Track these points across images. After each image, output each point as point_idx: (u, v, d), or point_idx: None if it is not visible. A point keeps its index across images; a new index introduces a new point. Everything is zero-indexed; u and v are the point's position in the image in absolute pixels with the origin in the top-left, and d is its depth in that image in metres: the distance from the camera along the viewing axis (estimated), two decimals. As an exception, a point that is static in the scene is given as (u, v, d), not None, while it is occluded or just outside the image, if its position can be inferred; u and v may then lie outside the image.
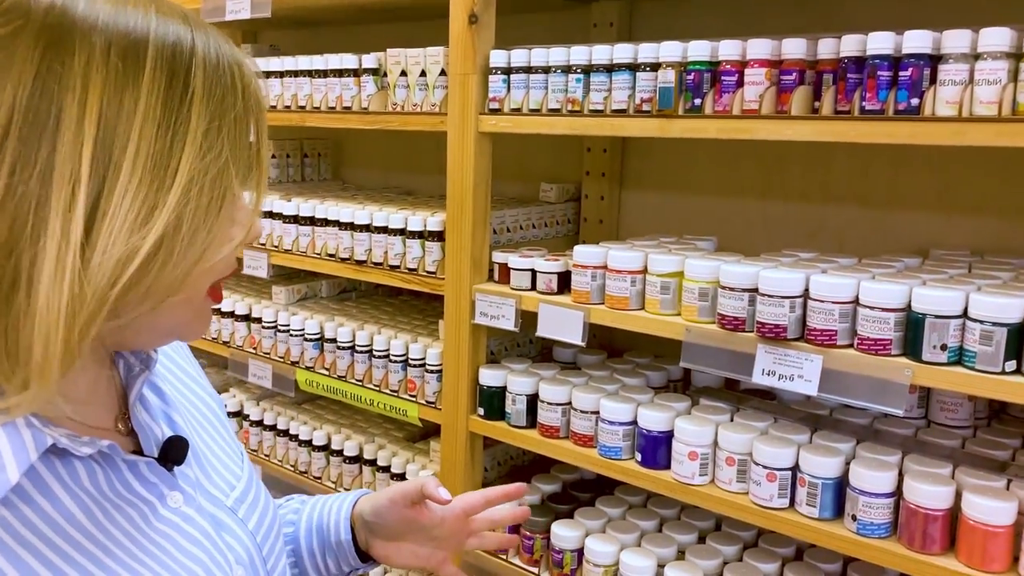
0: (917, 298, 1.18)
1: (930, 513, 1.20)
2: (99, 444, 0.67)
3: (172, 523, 0.73)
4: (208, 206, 0.63)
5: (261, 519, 0.84)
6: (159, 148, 0.61)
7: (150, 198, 0.60)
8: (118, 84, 0.59)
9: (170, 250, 0.62)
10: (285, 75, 2.00)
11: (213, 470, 0.82)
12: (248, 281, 2.45)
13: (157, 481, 0.73)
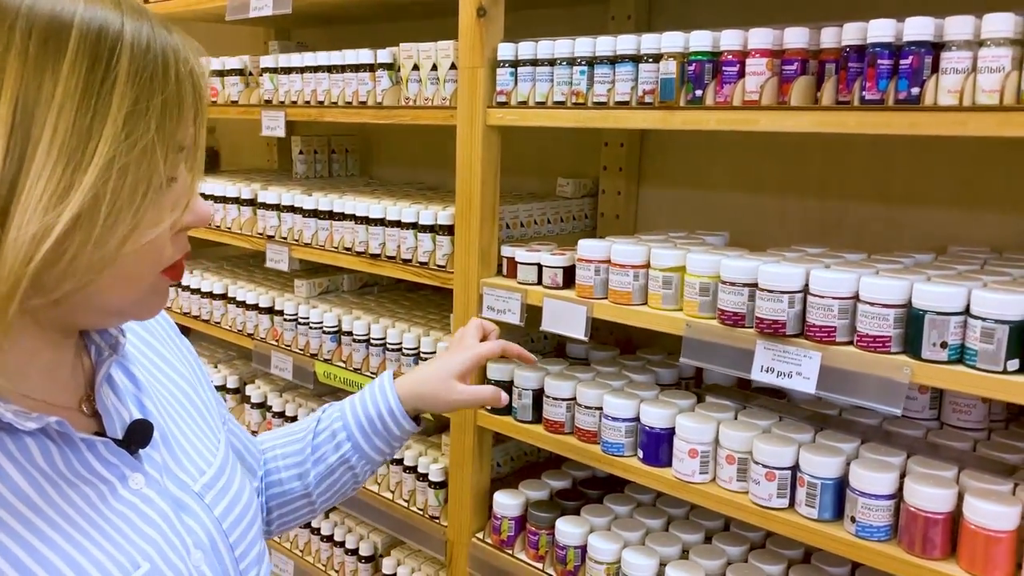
0: (917, 294, 1.14)
1: (931, 516, 1.16)
2: (46, 420, 0.68)
3: (131, 503, 0.74)
4: (131, 188, 0.64)
5: (231, 506, 0.85)
6: (78, 129, 0.62)
7: (66, 177, 0.61)
8: (37, 67, 0.60)
9: (89, 229, 0.63)
10: (305, 71, 2.02)
11: (184, 455, 0.83)
12: (275, 275, 2.49)
13: (118, 462, 0.75)
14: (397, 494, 1.96)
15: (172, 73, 0.66)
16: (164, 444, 0.82)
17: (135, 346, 0.88)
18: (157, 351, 0.91)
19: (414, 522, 1.91)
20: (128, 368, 0.83)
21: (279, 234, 2.16)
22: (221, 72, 2.30)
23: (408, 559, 2.04)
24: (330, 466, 1.15)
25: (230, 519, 0.84)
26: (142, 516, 0.74)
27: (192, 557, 0.77)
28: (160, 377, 0.88)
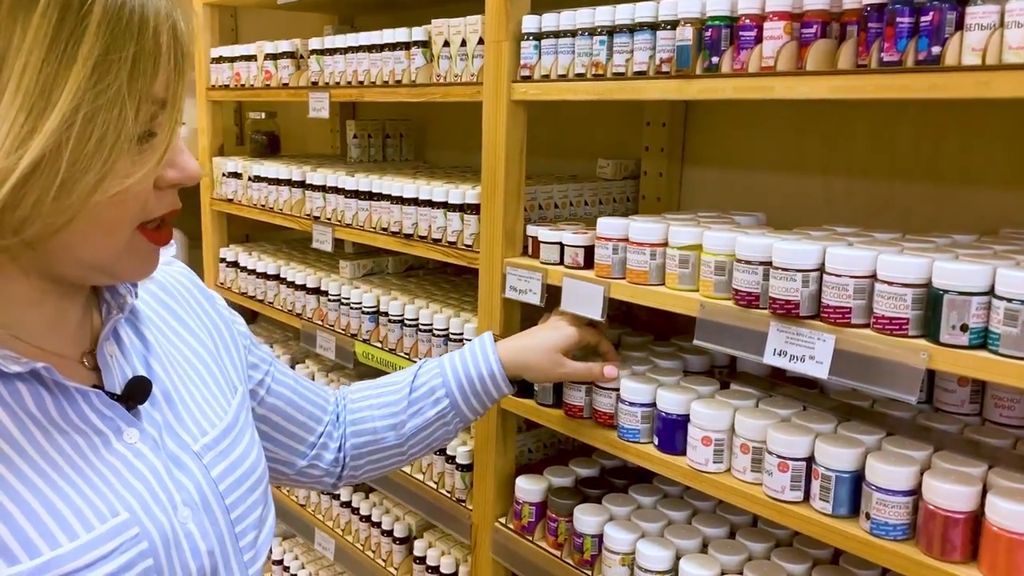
0: (937, 272, 1.05)
1: (950, 516, 1.07)
2: (33, 365, 0.71)
3: (122, 456, 0.75)
4: (98, 137, 0.64)
5: (231, 468, 0.86)
6: (44, 76, 0.62)
7: (29, 122, 0.62)
8: (10, 16, 0.62)
9: (51, 175, 0.64)
10: (348, 51, 2.03)
11: (188, 414, 0.85)
12: (328, 257, 2.51)
13: (113, 415, 0.76)
14: (428, 476, 1.95)
15: (149, 26, 0.66)
16: (167, 403, 0.83)
17: (152, 308, 0.90)
18: (176, 314, 0.93)
19: (443, 505, 1.89)
20: (139, 329, 0.86)
21: (324, 215, 2.18)
22: (274, 55, 2.33)
23: (439, 542, 2.02)
24: (427, 420, 1.25)
25: (228, 481, 0.85)
26: (131, 469, 0.76)
27: (179, 514, 0.77)
28: (173, 339, 0.90)
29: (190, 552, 0.78)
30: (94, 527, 0.70)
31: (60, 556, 0.68)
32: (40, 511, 0.68)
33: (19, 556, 0.66)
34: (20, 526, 0.67)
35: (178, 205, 0.76)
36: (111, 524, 0.71)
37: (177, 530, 0.77)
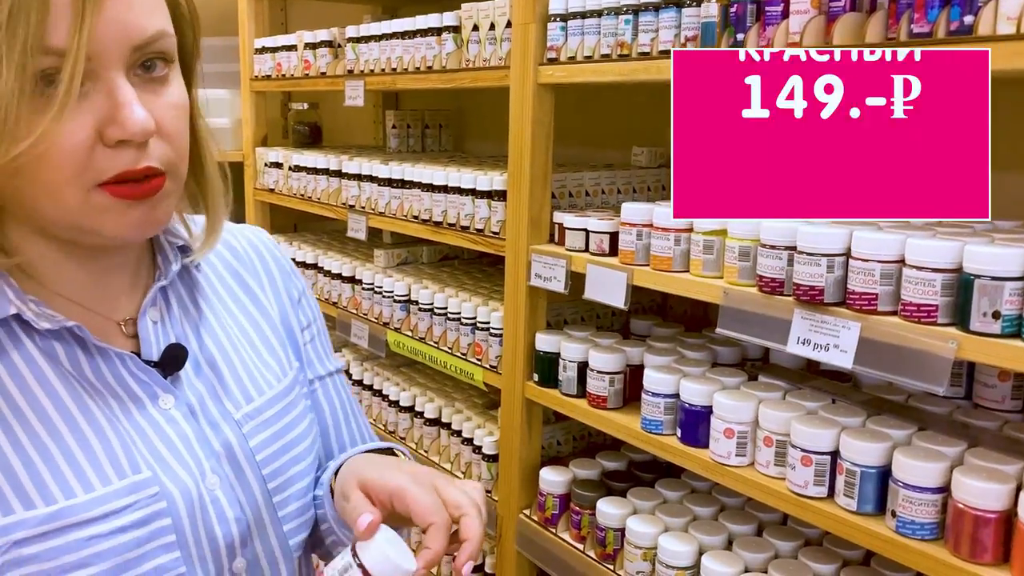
0: (968, 256, 0.99)
1: (981, 515, 1.01)
2: (63, 323, 0.71)
3: (153, 420, 0.76)
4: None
5: (271, 439, 0.84)
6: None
7: None
8: None
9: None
10: (381, 39, 2.02)
11: (235, 382, 0.83)
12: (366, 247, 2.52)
13: (150, 381, 0.76)
14: (455, 466, 1.93)
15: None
16: (213, 370, 0.82)
17: (218, 274, 0.89)
18: (243, 281, 0.91)
19: (470, 495, 1.87)
20: (195, 296, 0.85)
21: (359, 204, 2.17)
22: (313, 45, 2.34)
23: (466, 533, 2.00)
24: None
25: (267, 452, 0.83)
26: (160, 433, 0.76)
27: (207, 480, 0.77)
28: (232, 307, 0.88)
29: (216, 518, 0.77)
30: (111, 481, 0.71)
31: (73, 506, 0.69)
32: (60, 461, 0.70)
33: (35, 501, 0.68)
34: (39, 473, 0.69)
35: (137, 164, 0.68)
36: (130, 480, 0.72)
37: (203, 496, 0.76)
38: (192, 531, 0.75)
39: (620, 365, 1.52)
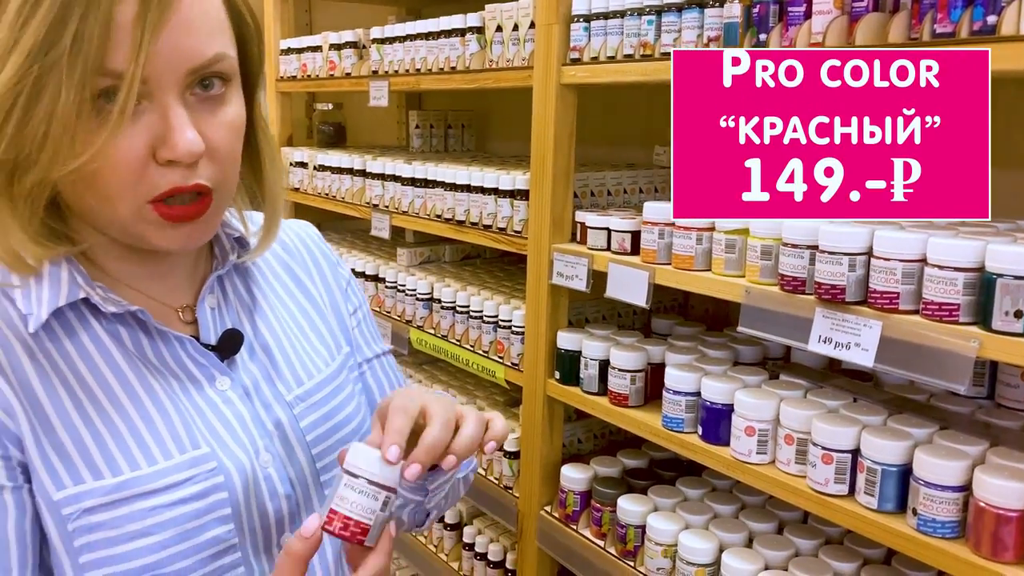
0: (990, 255, 1.00)
1: (1002, 513, 1.01)
2: (128, 307, 0.76)
3: (211, 401, 0.80)
4: (42, 107, 0.65)
5: (321, 420, 0.87)
6: (5, 37, 0.65)
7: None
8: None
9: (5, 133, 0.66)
10: (406, 39, 2.04)
11: (287, 366, 0.87)
12: (390, 245, 2.54)
13: (207, 364, 0.81)
14: (477, 463, 1.94)
15: (117, 19, 0.65)
16: (267, 355, 0.86)
17: (270, 266, 0.94)
18: (293, 272, 0.95)
19: (491, 492, 1.89)
20: (250, 286, 0.89)
21: (382, 203, 2.20)
22: (338, 46, 2.37)
23: (487, 529, 2.02)
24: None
25: (317, 431, 0.86)
26: (217, 413, 0.80)
27: (260, 458, 0.81)
28: (283, 296, 0.93)
29: (268, 494, 0.81)
30: (173, 456, 0.75)
31: (138, 477, 0.73)
32: (126, 435, 0.74)
33: (103, 472, 0.73)
34: (108, 446, 0.73)
35: (186, 182, 0.71)
36: (190, 455, 0.76)
37: (257, 472, 0.80)
38: (246, 505, 0.79)
39: (641, 363, 1.53)
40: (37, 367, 0.73)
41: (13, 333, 0.73)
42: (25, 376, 0.72)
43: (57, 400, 0.73)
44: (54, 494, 0.71)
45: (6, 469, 0.71)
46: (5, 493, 0.71)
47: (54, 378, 0.73)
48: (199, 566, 0.75)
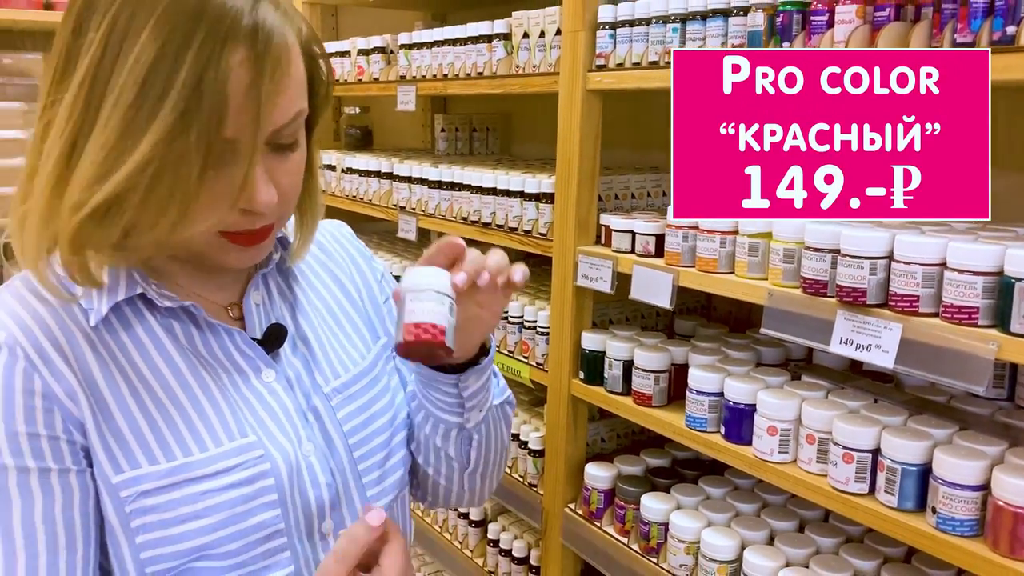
0: (1009, 260, 1.02)
1: (1020, 512, 1.03)
2: (180, 301, 0.81)
3: (258, 392, 0.84)
4: (167, 185, 0.69)
5: (356, 412, 0.91)
6: (129, 121, 0.68)
7: (107, 163, 0.68)
8: (116, 38, 0.68)
9: (126, 210, 0.70)
10: (433, 45, 2.08)
11: (325, 360, 0.92)
12: (415, 247, 2.58)
13: (254, 356, 0.85)
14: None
15: (228, 84, 0.68)
16: (307, 349, 0.91)
17: (309, 266, 0.98)
18: (329, 270, 0.99)
19: (516, 489, 1.93)
20: (291, 284, 0.94)
21: (409, 205, 2.24)
22: (366, 51, 2.41)
23: (512, 526, 2.06)
24: (417, 426, 1.02)
25: (353, 422, 0.90)
26: (263, 403, 0.84)
27: (303, 447, 0.85)
28: (323, 293, 0.97)
29: (310, 482, 0.85)
30: (223, 443, 0.80)
31: (190, 463, 0.78)
32: (179, 423, 0.79)
33: (158, 457, 0.77)
34: (162, 433, 0.78)
35: (255, 225, 0.77)
36: (239, 443, 0.80)
37: (300, 461, 0.84)
38: (290, 492, 0.83)
39: (665, 364, 1.57)
40: (98, 357, 0.78)
41: (76, 325, 0.78)
42: (87, 366, 0.77)
43: (116, 389, 0.78)
44: (113, 477, 0.76)
45: (71, 453, 0.76)
46: (71, 476, 0.76)
47: (113, 368, 0.78)
48: (247, 549, 0.79)
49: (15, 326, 0.76)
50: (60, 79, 0.71)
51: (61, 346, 0.76)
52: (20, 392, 0.74)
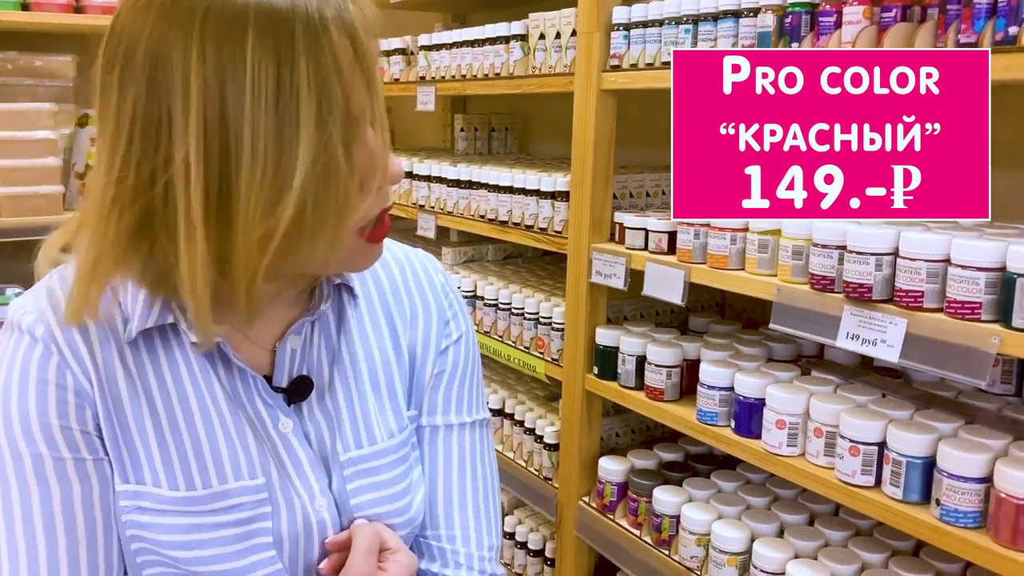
0: (1011, 256, 1.04)
1: (1022, 504, 1.05)
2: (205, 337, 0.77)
3: (272, 441, 0.81)
4: (332, 180, 0.69)
5: (368, 488, 0.85)
6: (277, 136, 0.67)
7: (277, 182, 0.67)
8: (219, 77, 0.66)
9: (302, 222, 0.69)
10: (452, 46, 2.12)
11: (351, 426, 0.86)
12: (435, 245, 2.62)
13: (274, 405, 0.82)
14: (518, 454, 2.01)
15: (343, 67, 0.69)
16: (334, 407, 0.85)
17: (371, 307, 0.90)
18: (391, 319, 0.90)
19: (532, 483, 1.96)
20: (340, 331, 0.87)
21: (428, 203, 2.28)
22: (387, 52, 2.45)
23: (528, 519, 2.09)
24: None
25: (360, 499, 0.84)
26: (278, 451, 0.82)
27: (315, 502, 0.82)
28: (373, 347, 0.89)
29: (317, 536, 0.82)
30: (228, 481, 0.78)
31: (191, 497, 0.77)
32: (189, 454, 0.78)
33: (161, 482, 0.77)
34: (171, 460, 0.77)
35: (389, 201, 0.77)
36: (243, 484, 0.78)
37: (310, 515, 0.81)
38: (293, 541, 0.81)
39: (677, 359, 1.59)
40: (126, 370, 0.77)
41: (112, 333, 0.78)
42: (113, 373, 0.77)
43: (136, 405, 0.77)
44: (117, 484, 0.77)
45: (86, 443, 0.76)
46: (88, 465, 0.76)
47: (137, 384, 0.78)
48: (244, 571, 0.78)
49: (55, 321, 0.76)
50: (144, 138, 0.68)
51: (94, 349, 0.76)
52: (53, 386, 0.75)
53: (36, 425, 0.75)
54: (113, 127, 0.69)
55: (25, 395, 0.75)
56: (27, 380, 0.75)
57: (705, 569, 1.50)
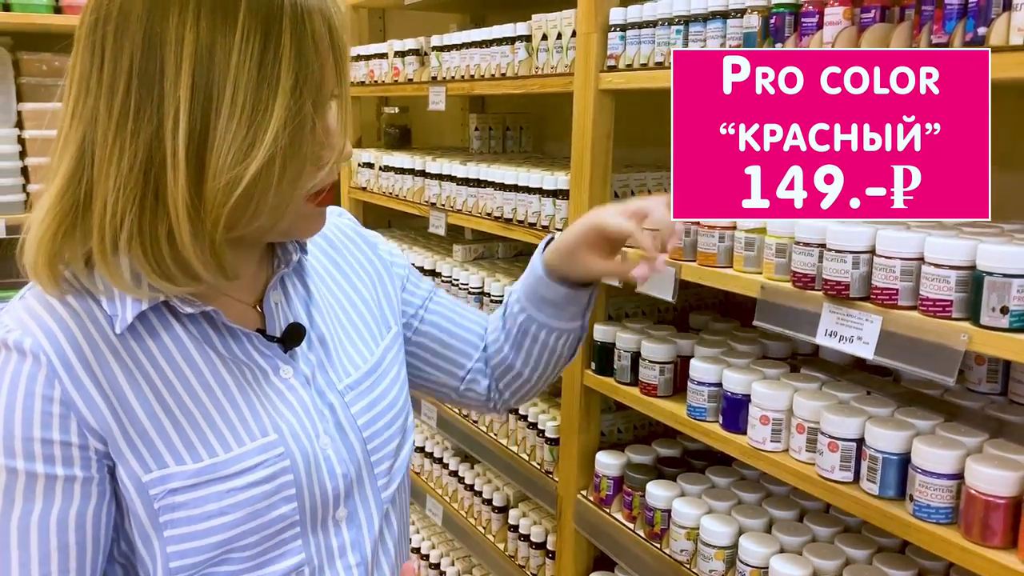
0: (980, 254, 1.05)
1: (991, 500, 1.06)
2: (203, 307, 0.85)
3: (276, 389, 0.90)
4: (298, 146, 0.78)
5: (370, 406, 0.98)
6: (255, 96, 0.76)
7: (249, 137, 0.76)
8: (210, 39, 0.74)
9: (268, 178, 0.78)
10: (462, 47, 2.16)
11: (338, 357, 0.97)
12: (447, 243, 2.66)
13: (272, 355, 0.90)
14: (521, 448, 2.05)
15: (323, 42, 0.79)
16: (322, 346, 0.96)
17: (319, 261, 1.03)
18: (339, 266, 1.05)
19: (534, 476, 1.99)
20: (305, 281, 0.99)
21: (439, 201, 2.32)
22: (402, 53, 2.50)
23: (531, 512, 2.12)
24: (518, 341, 1.17)
25: (366, 417, 0.96)
26: (283, 400, 0.90)
27: (320, 441, 0.91)
28: (334, 289, 1.02)
29: (327, 473, 0.90)
30: (245, 443, 0.85)
31: (215, 463, 0.83)
32: (203, 425, 0.84)
33: (185, 458, 0.83)
34: (188, 435, 0.83)
35: (336, 176, 0.88)
36: (260, 442, 0.86)
37: (318, 454, 0.89)
38: (307, 485, 0.88)
39: (671, 355, 1.61)
40: (122, 364, 0.82)
41: (99, 333, 0.82)
42: (111, 373, 0.81)
43: (141, 394, 0.82)
44: (143, 476, 0.81)
45: (82, 459, 0.80)
46: (75, 484, 0.80)
47: (137, 374, 0.82)
48: (264, 541, 0.85)
49: (40, 332, 0.80)
50: (142, 86, 0.76)
51: (84, 354, 0.80)
52: (39, 398, 0.78)
53: (18, 440, 0.78)
54: (109, 80, 0.76)
55: (11, 410, 0.78)
56: (15, 395, 0.78)
57: (694, 563, 1.52)
